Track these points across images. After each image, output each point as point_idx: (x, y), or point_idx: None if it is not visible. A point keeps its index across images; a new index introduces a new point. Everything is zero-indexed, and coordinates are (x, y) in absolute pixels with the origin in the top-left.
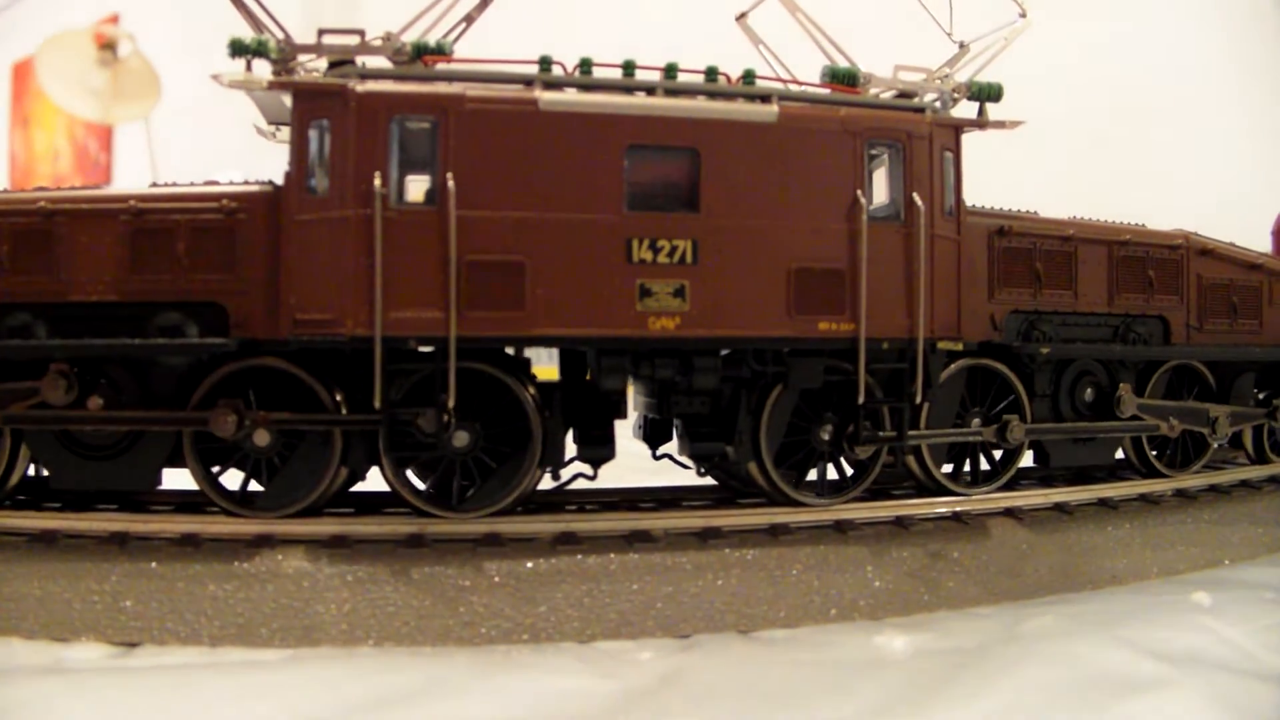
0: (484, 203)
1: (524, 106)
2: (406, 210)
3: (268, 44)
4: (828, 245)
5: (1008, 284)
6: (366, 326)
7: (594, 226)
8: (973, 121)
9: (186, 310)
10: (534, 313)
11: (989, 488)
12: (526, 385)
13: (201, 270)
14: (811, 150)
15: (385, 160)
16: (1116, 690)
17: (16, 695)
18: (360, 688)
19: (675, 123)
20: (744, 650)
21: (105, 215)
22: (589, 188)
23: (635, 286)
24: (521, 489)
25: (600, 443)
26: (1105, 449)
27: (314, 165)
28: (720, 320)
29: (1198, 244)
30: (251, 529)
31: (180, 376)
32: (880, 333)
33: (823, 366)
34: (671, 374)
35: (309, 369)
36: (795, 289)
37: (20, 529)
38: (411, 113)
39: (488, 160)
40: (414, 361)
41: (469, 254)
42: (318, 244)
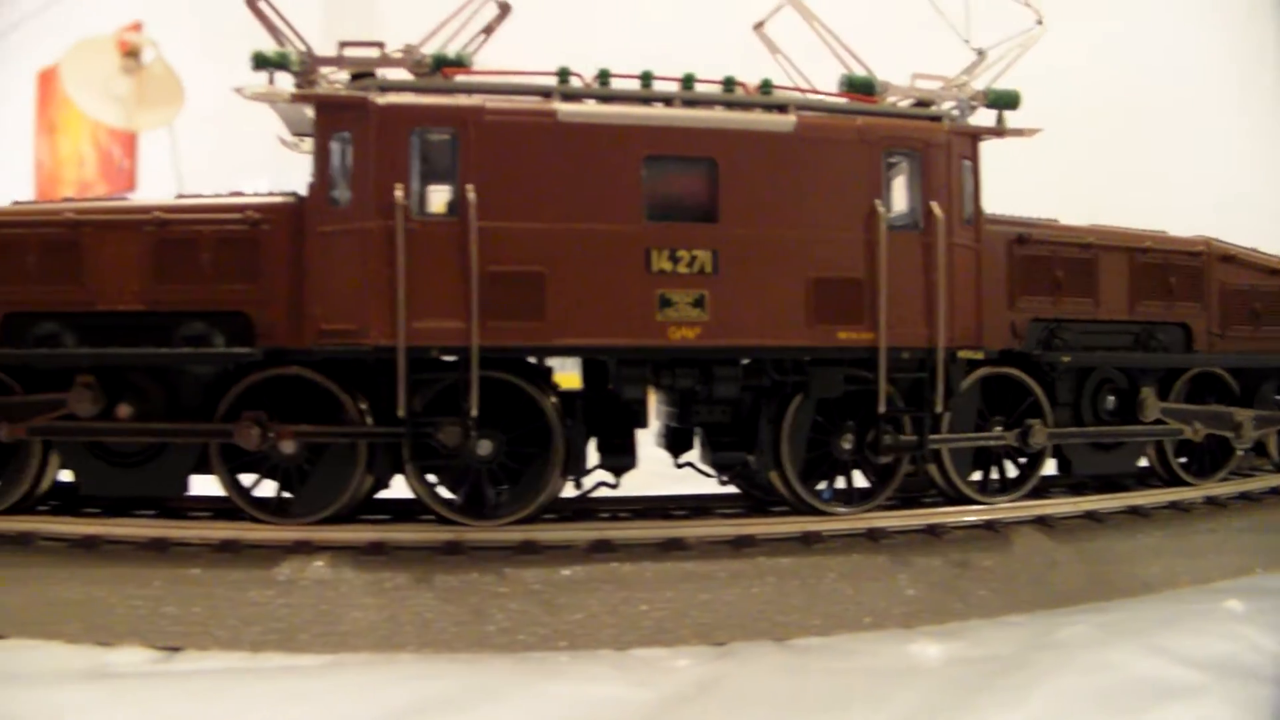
0: (504, 214)
1: (543, 118)
2: (428, 221)
3: (290, 57)
4: (846, 255)
5: (1028, 292)
6: (389, 337)
7: (613, 237)
8: (991, 130)
9: (212, 320)
10: (555, 322)
11: (1012, 496)
12: (548, 394)
13: (226, 280)
14: (829, 160)
15: (406, 172)
16: (1151, 697)
17: (62, 699)
18: (400, 693)
19: (693, 133)
20: (780, 658)
21: (131, 225)
22: (608, 198)
23: (655, 296)
24: (543, 497)
25: (622, 451)
26: (1128, 457)
27: (336, 177)
28: (740, 330)
29: (1219, 250)
30: (290, 535)
31: (206, 385)
32: (900, 342)
33: (843, 376)
34: (692, 383)
35: (333, 378)
36: (814, 298)
37: (62, 534)
38: (432, 125)
39: (507, 171)
40: (437, 371)
41: (490, 264)
42: (341, 255)
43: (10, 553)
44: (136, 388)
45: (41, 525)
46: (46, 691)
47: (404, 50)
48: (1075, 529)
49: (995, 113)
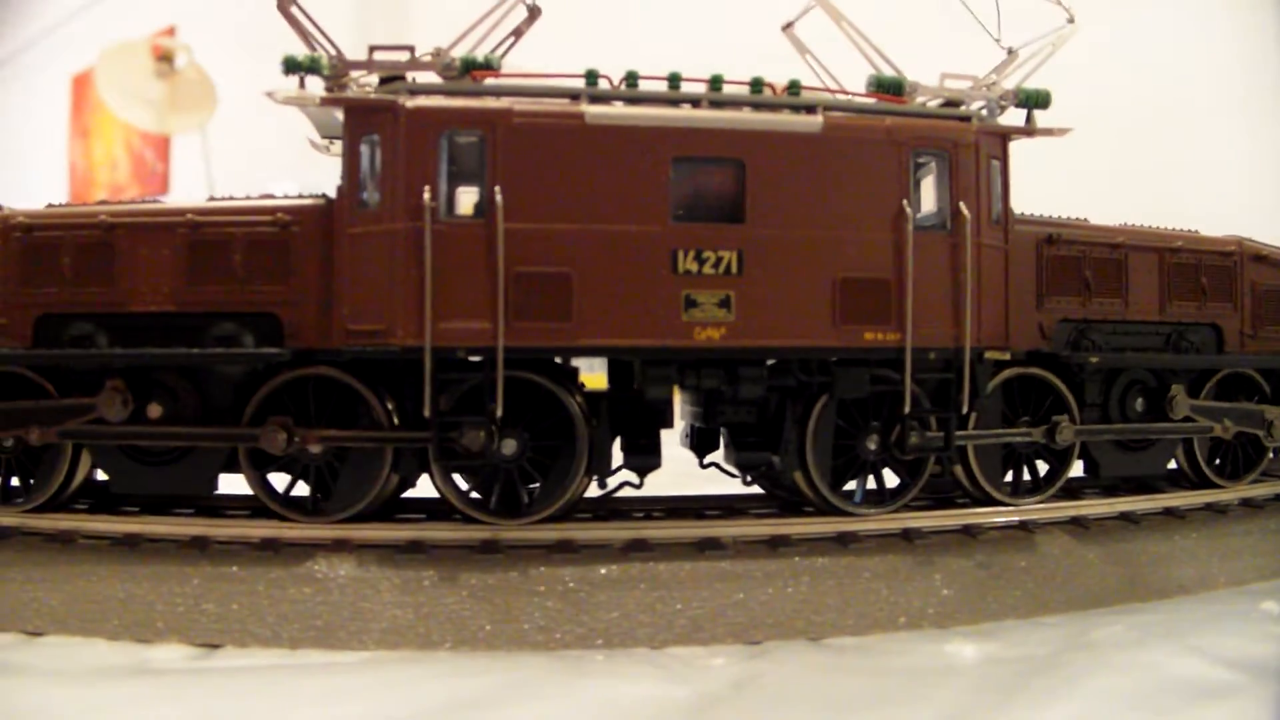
0: (531, 215)
1: (570, 120)
2: (456, 223)
3: (320, 61)
4: (873, 255)
5: (1056, 292)
6: (417, 337)
7: (640, 238)
8: (1021, 129)
9: (242, 320)
10: (581, 323)
11: (1039, 498)
12: (574, 394)
13: (257, 282)
14: (857, 160)
15: (434, 174)
16: (1189, 698)
17: (105, 695)
18: (438, 690)
19: (720, 134)
20: (815, 657)
21: (163, 228)
22: (635, 200)
23: (681, 297)
24: (568, 496)
25: (647, 451)
26: (1156, 458)
27: (365, 179)
28: (766, 330)
29: (1251, 250)
30: (329, 534)
31: (236, 385)
32: (926, 342)
33: (868, 376)
34: (717, 384)
35: (361, 378)
36: (841, 299)
37: (103, 532)
38: (460, 127)
39: (535, 173)
40: (464, 371)
41: (517, 266)
42: (369, 256)
43: (52, 551)
44: (167, 387)
45: (83, 523)
46: (88, 688)
47: (433, 54)
48: (1110, 530)
49: (1025, 112)
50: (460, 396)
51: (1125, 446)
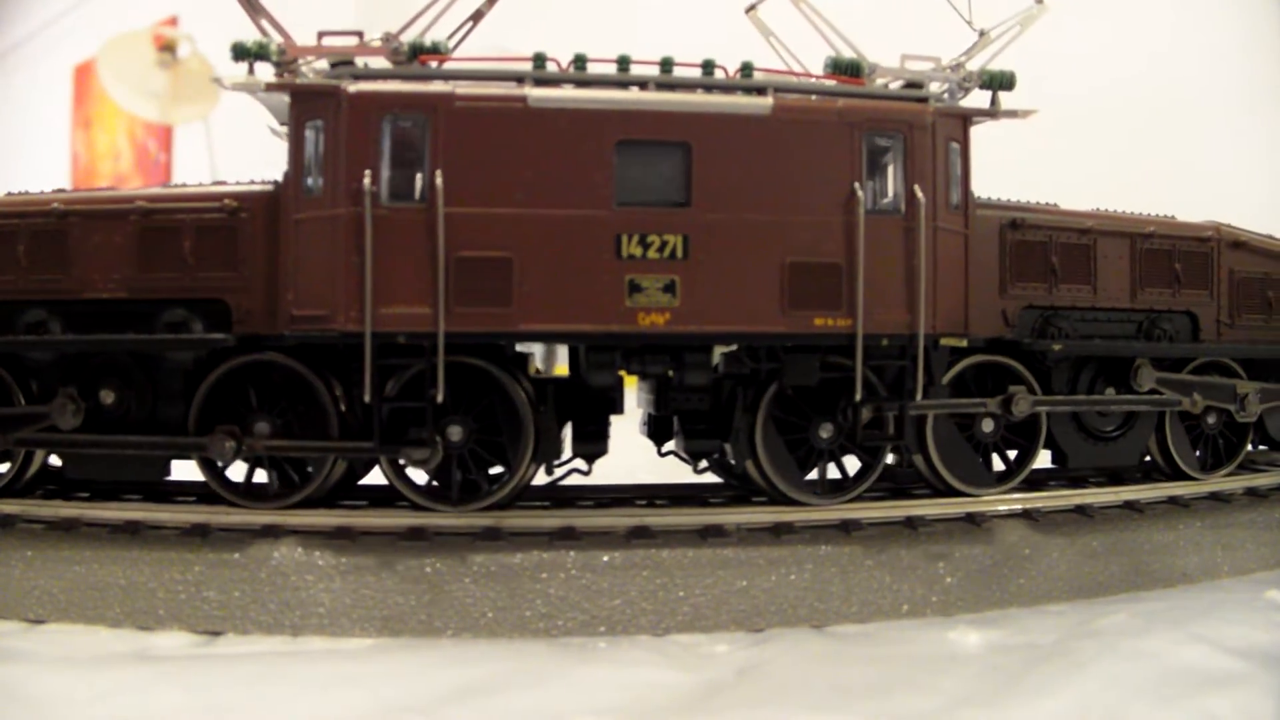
0: (473, 200)
1: (513, 104)
2: (397, 208)
3: (269, 47)
4: (825, 239)
5: (1021, 279)
6: (357, 322)
7: (583, 222)
8: (981, 111)
9: (192, 307)
10: (522, 308)
11: (1003, 488)
12: (520, 380)
13: (206, 268)
14: (808, 142)
15: (376, 159)
16: (1194, 686)
17: (109, 681)
18: (443, 678)
19: (665, 117)
20: (819, 645)
21: (115, 215)
22: (578, 183)
23: (624, 282)
24: (514, 483)
25: (594, 438)
26: (1128, 449)
27: (310, 165)
28: (711, 316)
29: (1230, 236)
30: (331, 521)
31: (187, 371)
32: (879, 328)
33: (818, 363)
34: (662, 370)
35: (309, 363)
36: (790, 284)
37: (104, 520)
38: (402, 111)
39: (478, 157)
40: (410, 356)
41: (458, 250)
42: (313, 242)
43: (53, 539)
44: (121, 373)
45: (84, 511)
46: (94, 674)
47: (383, 38)
48: (1114, 519)
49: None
50: (408, 382)
51: (1094, 436)
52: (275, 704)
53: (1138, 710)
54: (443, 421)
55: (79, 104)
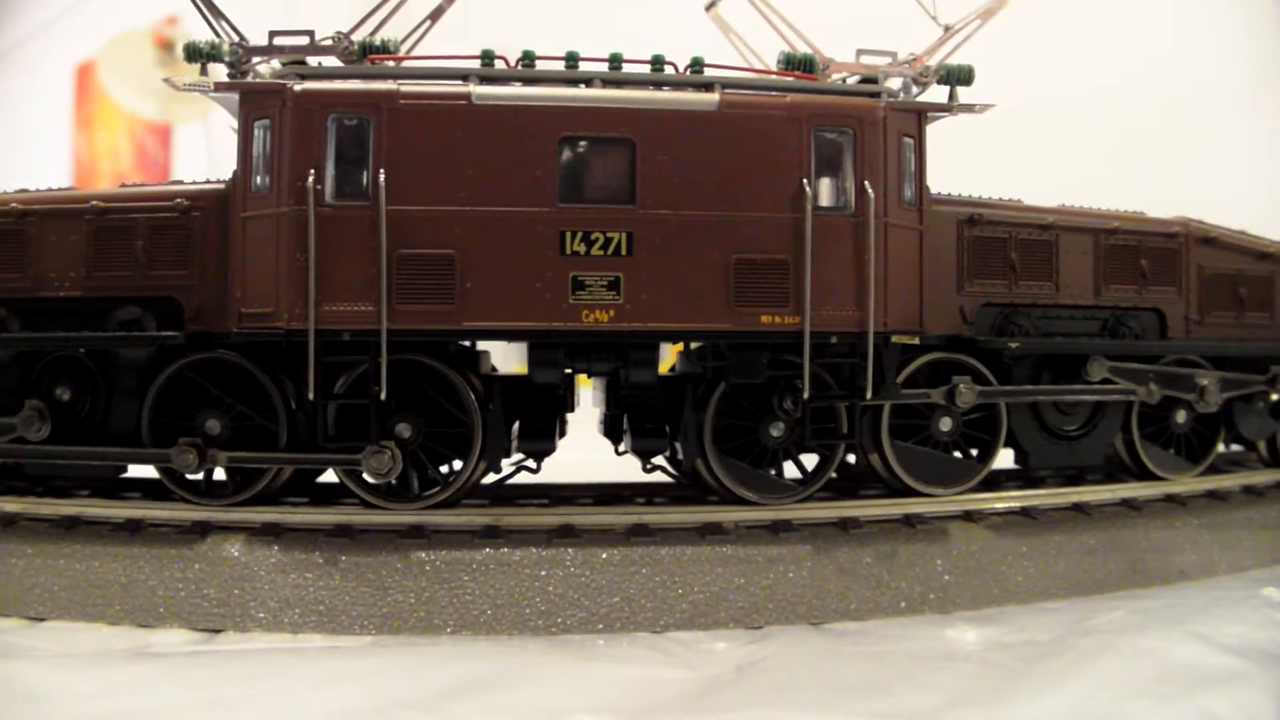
0: (417, 197)
1: (457, 101)
2: (340, 206)
3: (221, 47)
4: (772, 235)
5: (979, 275)
6: (301, 320)
7: (526, 219)
8: (937, 106)
9: (145, 305)
10: (464, 306)
11: (961, 488)
12: (469, 378)
13: (158, 266)
14: (756, 138)
15: (321, 157)
16: (1192, 683)
17: (109, 678)
18: (442, 674)
19: (609, 113)
20: (817, 642)
21: (72, 215)
22: (522, 180)
23: (568, 279)
24: (462, 481)
25: (541, 436)
26: (1091, 449)
27: (257, 163)
28: (656, 313)
29: (1199, 232)
30: (330, 519)
31: (141, 369)
32: (828, 326)
33: (765, 360)
34: (608, 368)
35: (261, 362)
36: (736, 281)
37: (105, 518)
38: (346, 110)
39: (421, 155)
40: (356, 354)
41: (400, 248)
42: (259, 240)
43: (54, 536)
44: (77, 371)
45: (85, 509)
46: (96, 671)
47: (333, 37)
48: (1112, 516)
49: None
50: (357, 379)
51: (1056, 435)
52: (274, 700)
53: (1135, 708)
54: (391, 420)
55: (80, 104)
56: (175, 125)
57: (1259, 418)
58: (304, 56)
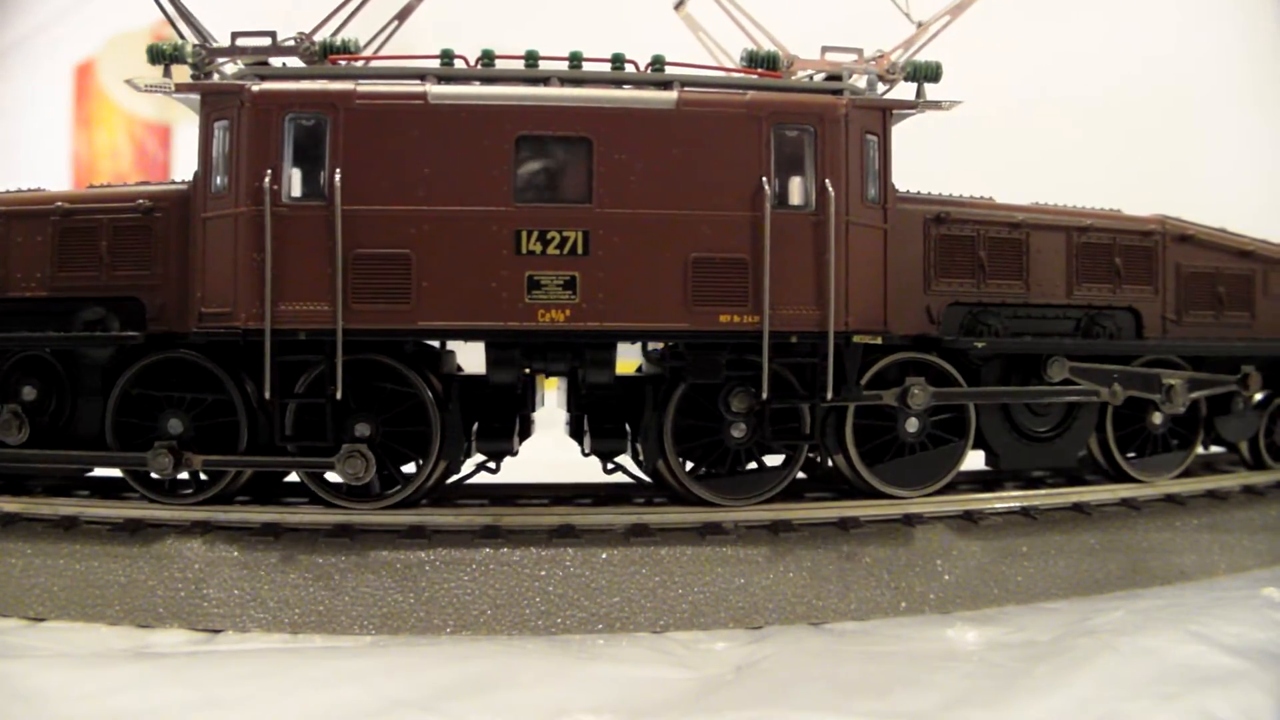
0: (373, 197)
1: (413, 100)
2: (296, 206)
3: (184, 49)
4: (731, 234)
5: (947, 274)
6: (258, 319)
7: (482, 218)
8: (901, 103)
9: (109, 305)
10: (420, 305)
11: (927, 490)
12: (428, 378)
13: (121, 267)
14: (715, 136)
15: (278, 157)
16: (1192, 683)
17: (109, 678)
18: (442, 674)
19: (566, 112)
20: (817, 642)
21: (38, 216)
22: (478, 180)
23: (524, 279)
24: (420, 481)
25: (499, 436)
26: (1063, 451)
27: (217, 164)
28: (613, 313)
29: (1176, 230)
30: (332, 519)
31: (105, 368)
32: (787, 325)
33: (724, 361)
34: (564, 368)
35: (224, 361)
36: (694, 280)
37: (104, 518)
38: (303, 110)
39: (378, 155)
40: (312, 353)
41: (356, 248)
42: (218, 240)
43: (54, 537)
44: (43, 371)
45: (85, 509)
46: (96, 670)
47: (296, 38)
48: (1112, 516)
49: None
50: (316, 378)
51: (1027, 436)
52: (274, 700)
53: (1135, 708)
54: (350, 419)
55: (79, 103)
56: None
57: (1239, 419)
58: (267, 57)
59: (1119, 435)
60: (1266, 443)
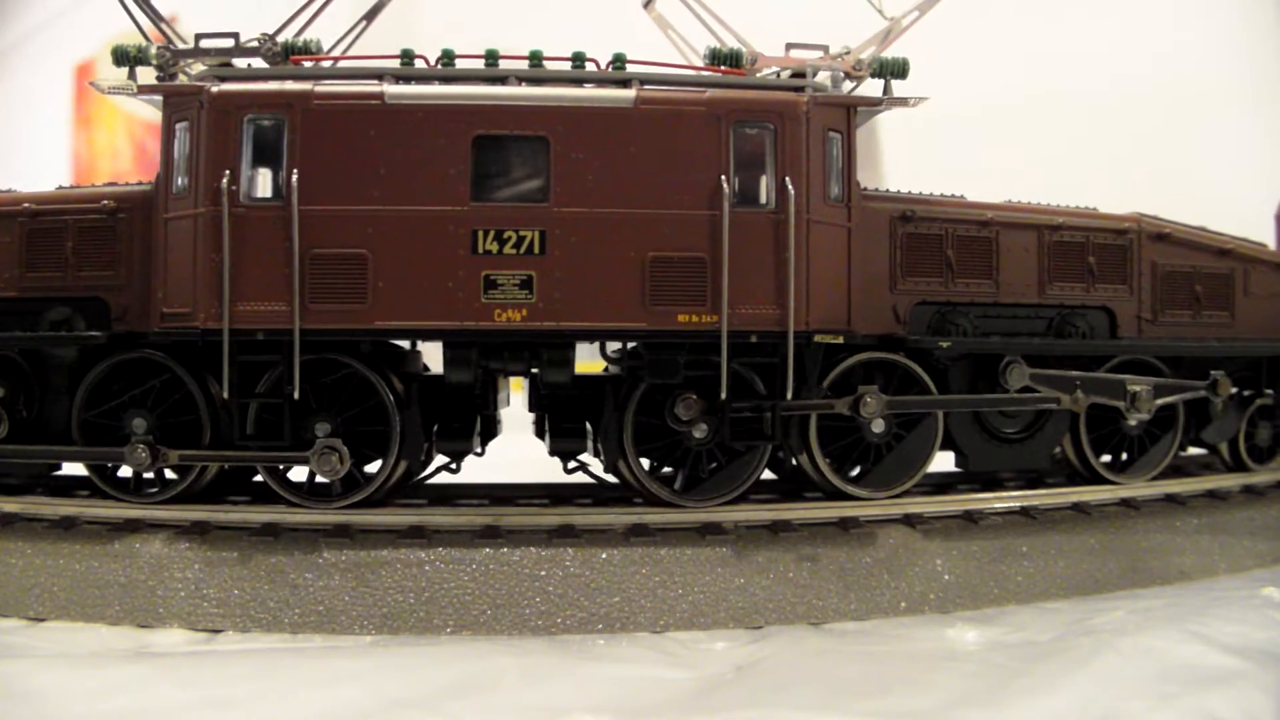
0: (330, 197)
1: (370, 101)
2: (254, 206)
3: (148, 51)
4: (690, 233)
5: (914, 273)
6: (216, 319)
7: (439, 218)
8: (865, 100)
9: (75, 305)
10: (377, 305)
11: (890, 492)
12: (390, 378)
13: (86, 267)
14: (674, 135)
15: (236, 158)
16: (1192, 683)
17: (109, 678)
18: (443, 674)
19: (523, 111)
20: (817, 642)
21: (6, 217)
22: (435, 179)
23: (480, 278)
24: (380, 481)
25: (458, 436)
26: (1034, 453)
27: (178, 165)
28: (570, 312)
29: (1152, 228)
30: (331, 519)
31: (71, 367)
32: (747, 325)
33: (683, 360)
34: (522, 367)
35: (187, 361)
36: (652, 279)
37: (105, 518)
38: (261, 111)
39: (335, 155)
40: (271, 353)
41: (313, 248)
42: (180, 240)
43: (54, 537)
44: (11, 370)
45: (84, 509)
46: (97, 671)
47: (259, 39)
48: (1112, 516)
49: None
50: (278, 379)
51: (996, 437)
52: (276, 700)
53: (1136, 707)
54: (311, 419)
55: (79, 103)
56: None
57: (1217, 420)
58: (231, 58)
59: (1096, 435)
60: (1247, 445)
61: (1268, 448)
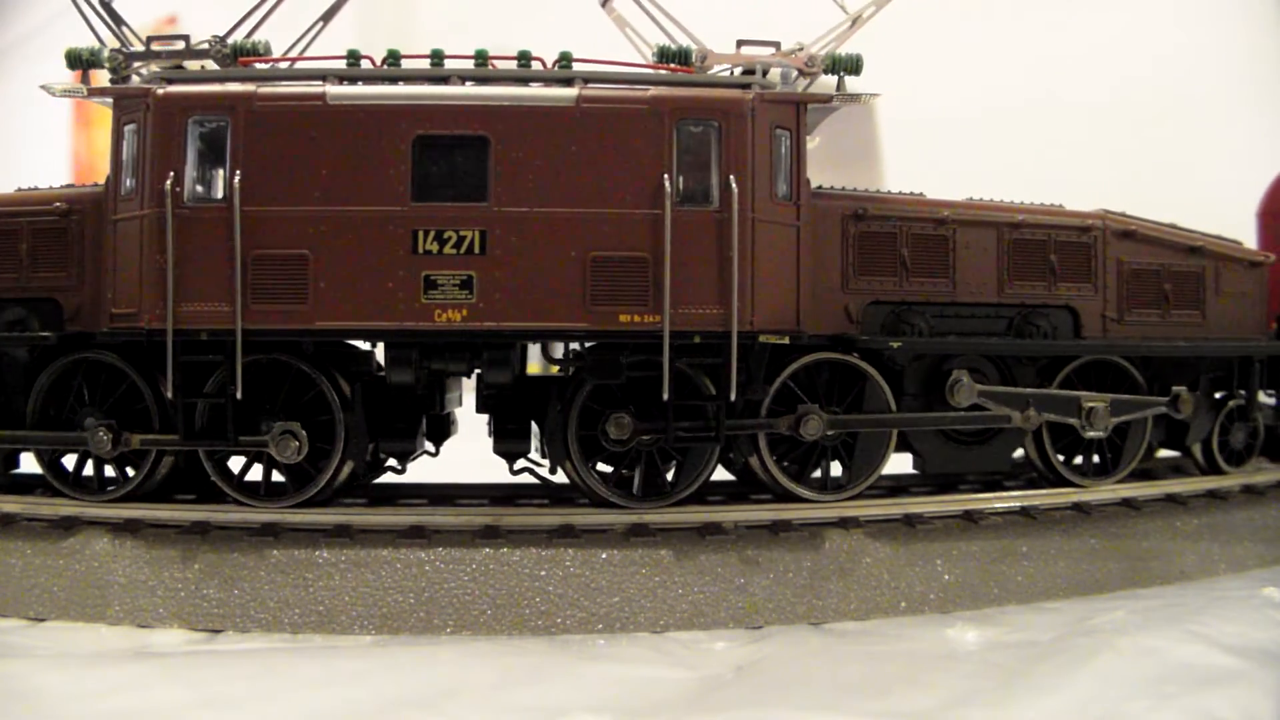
0: (272, 198)
1: (312, 101)
2: (197, 207)
3: (101, 54)
4: (632, 232)
5: (866, 272)
6: (160, 320)
7: (379, 218)
8: (815, 97)
9: (29, 306)
10: (317, 305)
11: (842, 496)
12: (337, 378)
13: (40, 268)
14: (616, 133)
15: (181, 160)
16: (1192, 683)
17: (109, 678)
18: (443, 674)
19: (463, 111)
20: (817, 642)
21: None
22: (375, 180)
23: (420, 278)
24: (325, 480)
25: (403, 436)
26: (994, 455)
27: (126, 166)
28: (511, 312)
29: (1117, 225)
30: (332, 519)
31: (27, 368)
32: (690, 325)
33: (625, 360)
34: (463, 368)
35: (137, 361)
36: (593, 279)
37: (104, 518)
38: (205, 113)
39: (277, 156)
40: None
41: (256, 248)
42: (127, 241)
43: (54, 537)
44: None
45: (84, 509)
46: (96, 671)
47: (209, 41)
48: (1112, 516)
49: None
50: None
51: (954, 440)
52: (276, 699)
53: (1136, 707)
54: (259, 418)
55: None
56: None
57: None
58: (182, 60)
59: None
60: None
61: (1242, 450)
